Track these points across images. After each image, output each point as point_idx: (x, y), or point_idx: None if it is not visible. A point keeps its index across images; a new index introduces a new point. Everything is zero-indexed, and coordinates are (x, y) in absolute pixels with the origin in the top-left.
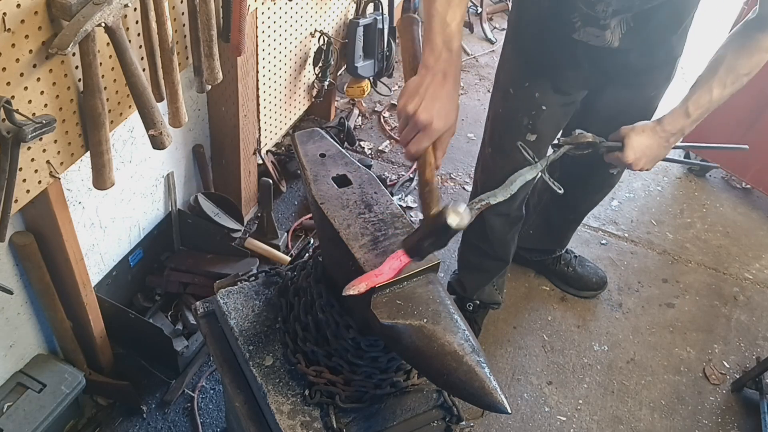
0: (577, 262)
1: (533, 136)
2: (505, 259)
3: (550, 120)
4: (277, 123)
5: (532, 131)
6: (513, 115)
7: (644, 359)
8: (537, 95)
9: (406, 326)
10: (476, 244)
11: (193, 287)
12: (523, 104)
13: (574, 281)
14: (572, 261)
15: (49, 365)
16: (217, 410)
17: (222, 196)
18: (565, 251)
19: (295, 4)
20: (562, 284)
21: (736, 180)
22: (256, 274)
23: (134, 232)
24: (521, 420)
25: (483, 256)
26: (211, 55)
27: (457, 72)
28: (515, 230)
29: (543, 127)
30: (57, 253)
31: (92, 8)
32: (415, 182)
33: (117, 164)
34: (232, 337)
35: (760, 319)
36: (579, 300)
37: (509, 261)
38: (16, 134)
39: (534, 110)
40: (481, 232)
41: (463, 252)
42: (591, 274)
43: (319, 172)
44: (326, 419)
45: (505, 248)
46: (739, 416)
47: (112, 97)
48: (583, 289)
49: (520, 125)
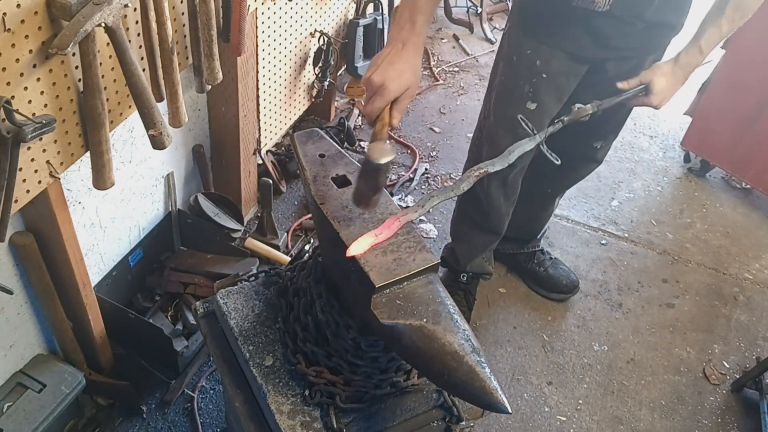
0: (551, 264)
1: (533, 105)
2: (498, 232)
3: (551, 89)
4: (277, 123)
5: (533, 99)
6: (515, 82)
7: (644, 359)
8: (538, 63)
9: (406, 326)
10: (471, 215)
11: (193, 287)
12: (524, 71)
13: (544, 281)
14: (545, 262)
15: (49, 365)
16: (217, 410)
17: (222, 196)
18: (541, 251)
19: (295, 4)
20: (533, 284)
21: (736, 180)
22: (256, 274)
23: (134, 232)
24: (521, 420)
25: (477, 228)
26: (211, 55)
27: (418, 41)
28: (511, 202)
29: (544, 96)
30: (57, 253)
31: (92, 8)
32: (415, 182)
33: (117, 164)
34: (232, 337)
35: (760, 319)
36: (579, 300)
37: (502, 234)
38: (16, 134)
39: (535, 78)
40: (476, 203)
41: (456, 223)
42: (562, 277)
43: (318, 172)
44: (326, 419)
45: (500, 220)
46: (739, 416)
47: (112, 97)
48: (553, 291)
49: (522, 92)
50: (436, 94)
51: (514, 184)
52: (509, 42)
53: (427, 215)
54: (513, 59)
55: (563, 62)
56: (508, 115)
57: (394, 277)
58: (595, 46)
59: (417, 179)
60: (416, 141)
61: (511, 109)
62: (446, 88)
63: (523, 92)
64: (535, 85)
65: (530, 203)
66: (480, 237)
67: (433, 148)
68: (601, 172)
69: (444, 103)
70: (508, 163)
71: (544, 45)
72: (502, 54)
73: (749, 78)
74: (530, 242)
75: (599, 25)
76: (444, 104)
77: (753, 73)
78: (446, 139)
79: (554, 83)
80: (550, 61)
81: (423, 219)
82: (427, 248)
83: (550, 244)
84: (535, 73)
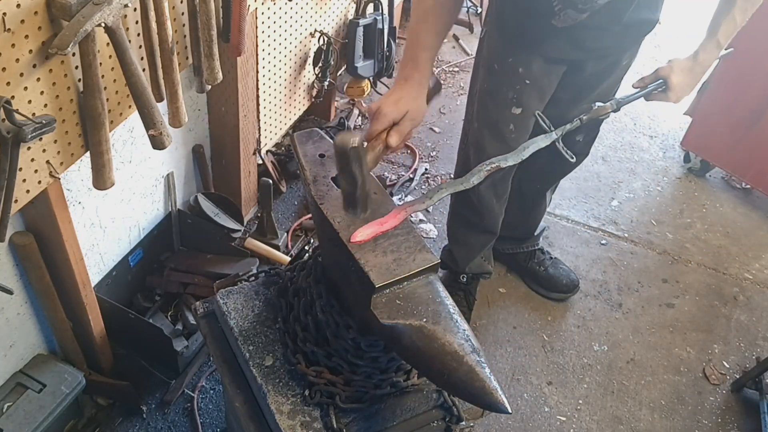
0: (551, 264)
1: (518, 110)
2: (493, 231)
3: (534, 93)
4: (277, 123)
5: (517, 105)
6: (498, 89)
7: (644, 359)
8: (521, 70)
9: (406, 326)
10: (465, 216)
11: (193, 287)
12: (507, 79)
13: (544, 281)
14: (545, 261)
15: (49, 365)
16: (217, 410)
17: (222, 196)
18: (540, 250)
19: (295, 4)
20: (533, 283)
21: (736, 180)
22: (256, 274)
23: (134, 232)
24: (521, 420)
25: (472, 228)
26: (211, 55)
27: (420, 76)
28: (503, 200)
29: (528, 100)
30: (57, 253)
31: (92, 8)
32: (415, 182)
33: (117, 164)
34: (232, 337)
35: (760, 319)
36: (579, 300)
37: (497, 233)
38: (16, 134)
39: (518, 84)
40: (469, 203)
41: (451, 225)
42: (562, 276)
43: (318, 172)
44: (326, 419)
45: (494, 219)
46: (739, 416)
47: (112, 97)
48: (552, 290)
49: (505, 98)
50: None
51: (504, 183)
52: (488, 48)
53: (426, 215)
54: (494, 67)
55: (543, 65)
56: (493, 120)
57: (394, 277)
58: (573, 50)
59: (417, 179)
60: (416, 141)
61: (496, 114)
62: (446, 88)
63: (507, 98)
64: (518, 92)
65: (521, 200)
66: (476, 237)
67: (433, 148)
68: (601, 172)
69: (444, 103)
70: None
71: (524, 52)
72: (482, 60)
73: (749, 78)
74: (528, 240)
75: (578, 34)
76: (444, 104)
77: (753, 73)
78: (446, 139)
79: (537, 86)
80: (531, 65)
81: (423, 219)
82: (427, 248)
83: (550, 243)
84: (518, 79)
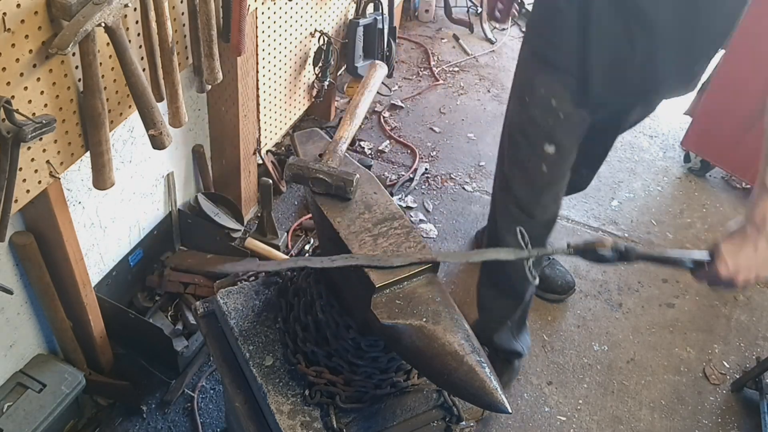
0: (548, 264)
1: (551, 147)
2: (519, 296)
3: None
4: (277, 123)
5: (550, 141)
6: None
7: (644, 359)
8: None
9: (406, 326)
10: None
11: (193, 287)
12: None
13: (540, 282)
14: (542, 261)
15: (49, 365)
16: (217, 410)
17: (222, 196)
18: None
19: (295, 4)
20: None
21: (736, 180)
22: (256, 274)
23: (134, 232)
24: (521, 420)
25: (495, 289)
26: (211, 55)
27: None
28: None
29: (562, 136)
30: (57, 253)
31: (92, 8)
32: (415, 182)
33: (117, 164)
34: (232, 337)
35: (760, 319)
36: (579, 300)
37: (523, 299)
38: (16, 134)
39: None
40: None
41: (478, 290)
42: (557, 277)
43: None
44: (326, 419)
45: (520, 279)
46: (739, 416)
47: (112, 97)
48: (548, 291)
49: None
50: (436, 94)
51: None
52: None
53: (426, 215)
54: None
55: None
56: (523, 159)
57: (394, 276)
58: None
59: (417, 179)
60: (416, 141)
61: (527, 153)
62: (446, 88)
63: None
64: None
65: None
66: (499, 302)
67: (433, 148)
68: (601, 172)
69: (444, 103)
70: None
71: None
72: (514, 89)
73: (749, 78)
74: None
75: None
76: (444, 104)
77: (753, 72)
78: (446, 139)
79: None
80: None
81: (423, 219)
82: (427, 248)
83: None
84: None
